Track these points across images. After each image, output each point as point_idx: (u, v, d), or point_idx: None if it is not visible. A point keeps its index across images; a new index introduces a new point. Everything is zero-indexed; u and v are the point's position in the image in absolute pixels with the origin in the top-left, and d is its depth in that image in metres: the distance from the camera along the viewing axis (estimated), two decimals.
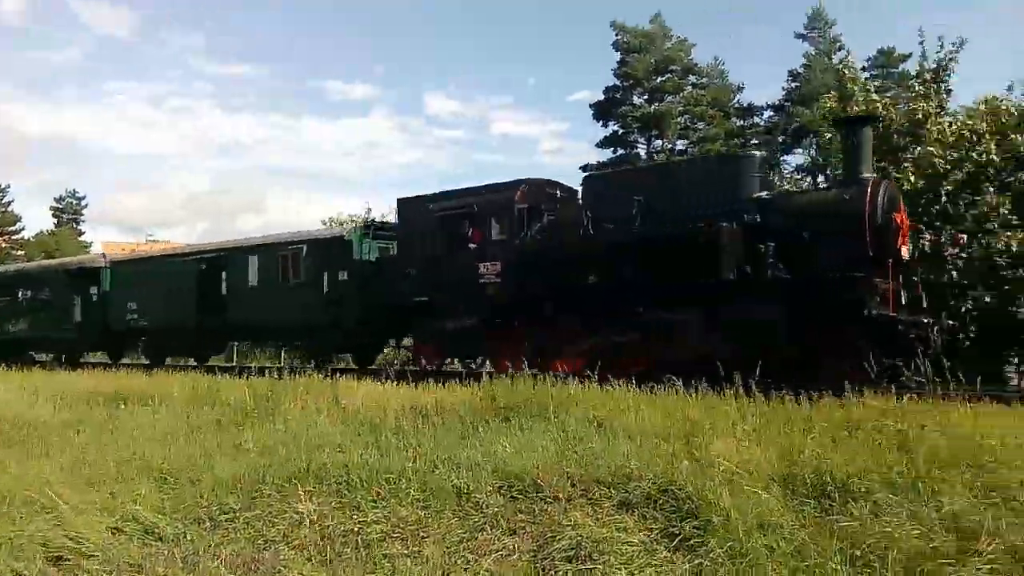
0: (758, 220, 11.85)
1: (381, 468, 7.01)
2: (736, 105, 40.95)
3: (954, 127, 15.18)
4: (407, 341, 18.63)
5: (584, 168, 39.42)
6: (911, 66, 21.70)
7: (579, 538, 5.34)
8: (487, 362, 15.00)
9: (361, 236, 17.50)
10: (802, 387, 9.05)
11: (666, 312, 12.17)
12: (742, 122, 40.82)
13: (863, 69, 35.86)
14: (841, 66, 18.61)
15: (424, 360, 14.81)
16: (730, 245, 11.60)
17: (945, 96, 16.18)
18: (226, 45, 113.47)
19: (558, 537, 5.45)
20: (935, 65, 16.36)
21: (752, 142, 38.39)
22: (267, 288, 18.42)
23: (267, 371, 15.04)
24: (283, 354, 23.39)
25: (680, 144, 39.95)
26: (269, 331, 19.52)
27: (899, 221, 11.33)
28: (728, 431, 7.43)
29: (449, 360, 15.66)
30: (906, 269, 11.74)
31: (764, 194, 12.31)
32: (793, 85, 37.58)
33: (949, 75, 16.10)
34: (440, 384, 11.72)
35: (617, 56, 39.79)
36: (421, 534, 5.87)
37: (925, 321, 11.14)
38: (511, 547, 5.51)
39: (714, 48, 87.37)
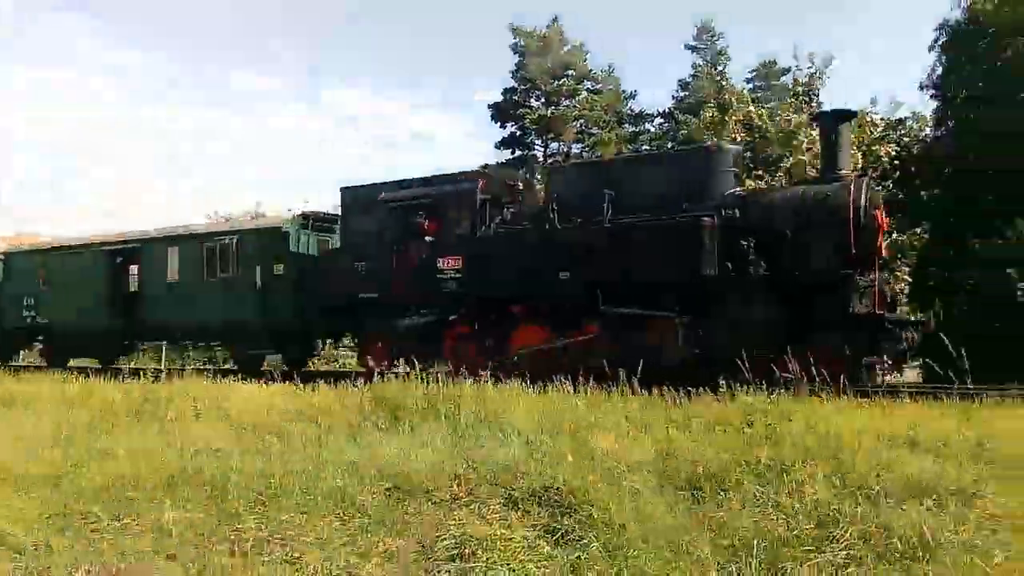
0: (737, 215, 11.57)
1: (262, 473, 6.80)
2: (629, 112, 42.13)
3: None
4: (347, 341, 18.03)
5: (486, 168, 39.71)
6: (790, 79, 22.86)
7: (463, 537, 5.35)
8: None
9: (299, 227, 16.55)
10: (685, 385, 9.43)
11: (641, 310, 11.79)
12: (635, 128, 42.03)
13: (747, 81, 37.86)
14: (720, 78, 19.49)
15: (372, 362, 13.68)
16: (711, 240, 11.29)
17: (815, 108, 17.21)
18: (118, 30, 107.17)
19: (442, 537, 5.45)
20: (807, 79, 17.40)
21: (643, 148, 39.62)
22: (190, 283, 17.20)
23: (159, 373, 14.29)
24: (217, 355, 21.84)
25: (576, 148, 40.73)
26: (190, 331, 18.10)
27: (880, 219, 11.33)
28: (613, 427, 7.65)
29: (398, 362, 14.15)
30: (886, 267, 12.10)
31: (739, 190, 12.22)
32: (682, 94, 39.02)
33: (819, 89, 17.17)
34: (332, 385, 11.49)
35: (515, 58, 40.19)
36: (302, 539, 5.73)
37: (913, 319, 11.34)
38: (395, 549, 5.46)
39: (609, 55, 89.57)
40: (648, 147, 40.37)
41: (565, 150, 40.42)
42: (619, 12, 71.86)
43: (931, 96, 24.54)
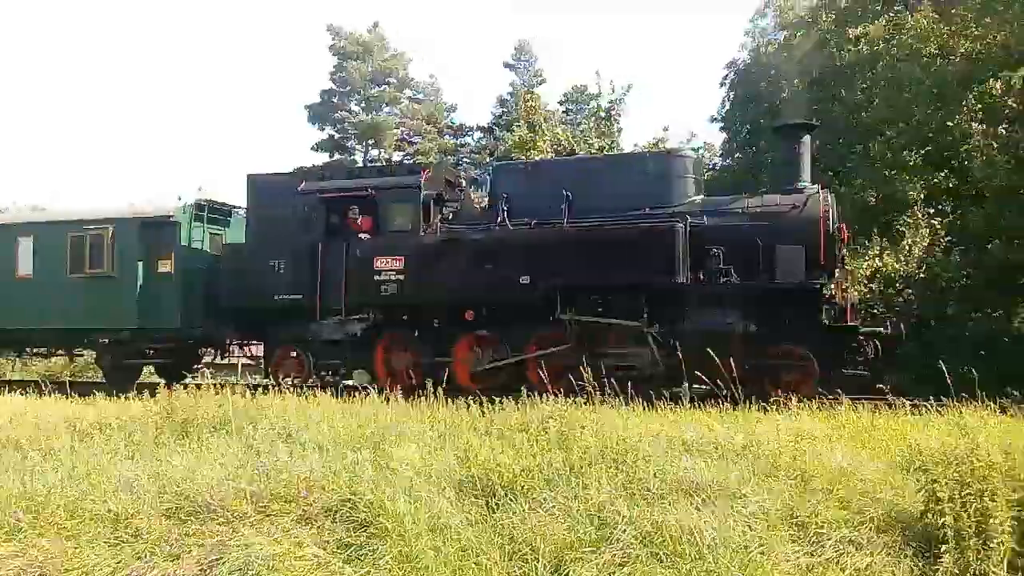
0: (705, 223, 11.39)
1: (21, 494, 6.10)
2: (450, 123, 42.59)
3: None
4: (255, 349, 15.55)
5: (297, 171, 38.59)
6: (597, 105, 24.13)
7: (249, 557, 5.10)
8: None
9: (192, 218, 14.28)
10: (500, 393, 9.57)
11: (605, 319, 11.36)
12: (455, 140, 42.55)
13: (560, 103, 39.55)
14: (530, 99, 20.18)
15: (283, 375, 12.49)
16: (684, 247, 10.99)
17: (617, 134, 18.32)
18: None
19: (225, 559, 5.16)
20: (608, 105, 18.49)
21: (464, 160, 40.16)
22: (49, 280, 14.24)
23: None
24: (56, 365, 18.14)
25: (397, 156, 40.52)
26: (48, 336, 15.14)
27: (844, 230, 11.61)
28: (416, 438, 7.63)
29: (315, 376, 12.90)
30: (847, 278, 11.91)
31: (699, 197, 12.05)
32: (501, 111, 40.05)
33: (619, 115, 18.29)
34: (111, 397, 10.55)
35: (334, 60, 39.35)
36: (65, 569, 5.20)
37: (881, 330, 11.33)
38: (171, 574, 5.10)
39: (430, 66, 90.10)
40: (468, 160, 41.00)
41: (387, 157, 40.12)
42: (442, 25, 72.54)
43: (720, 129, 27.01)
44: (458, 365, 12.13)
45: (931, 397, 8.66)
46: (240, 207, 14.78)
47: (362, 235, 12.44)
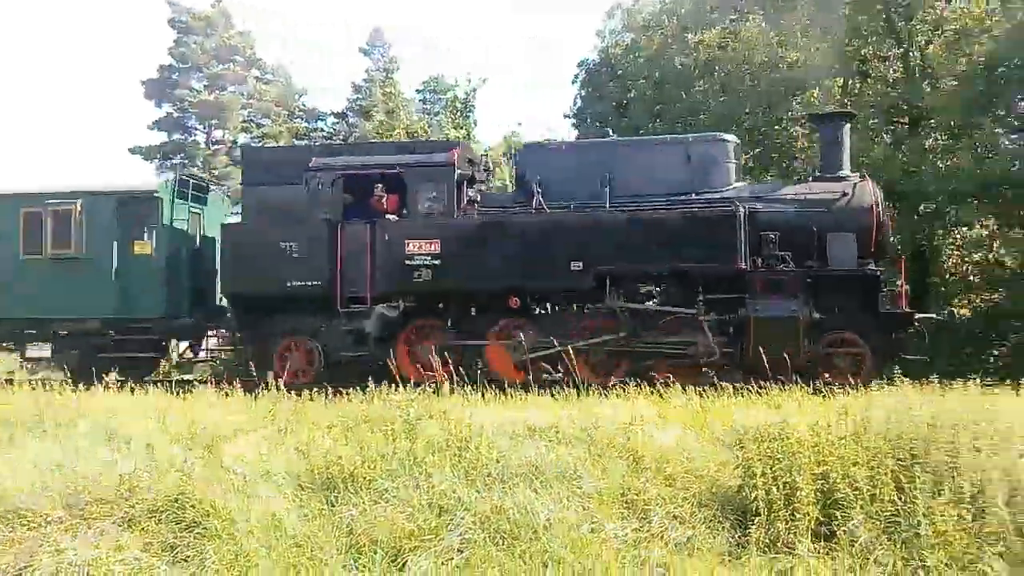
0: (759, 208, 11.11)
1: None
2: (301, 107, 41.19)
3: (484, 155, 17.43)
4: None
5: (134, 151, 36.02)
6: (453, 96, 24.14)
7: (61, 564, 4.72)
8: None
9: (174, 196, 12.80)
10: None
11: (660, 306, 10.97)
12: (307, 125, 41.20)
13: (417, 91, 39.25)
14: (388, 86, 19.92)
15: (289, 370, 11.38)
16: (743, 232, 10.65)
17: (472, 126, 18.45)
18: None
19: (35, 566, 4.75)
20: (465, 96, 18.59)
21: (316, 146, 38.97)
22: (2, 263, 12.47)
23: None
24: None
25: (243, 137, 38.73)
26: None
27: (890, 219, 11.50)
28: (256, 432, 7.36)
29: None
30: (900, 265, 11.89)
31: (742, 183, 11.84)
32: (355, 97, 39.19)
33: (473, 107, 18.43)
34: None
35: (174, 34, 36.98)
36: None
37: (936, 317, 11.60)
38: None
39: (280, 48, 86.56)
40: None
41: (232, 139, 38.26)
42: (293, 6, 69.89)
43: (572, 125, 27.79)
44: (495, 355, 11.49)
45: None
46: (217, 185, 13.86)
47: (390, 216, 11.60)
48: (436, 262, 11.28)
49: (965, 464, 4.82)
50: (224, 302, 12.83)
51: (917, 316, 11.10)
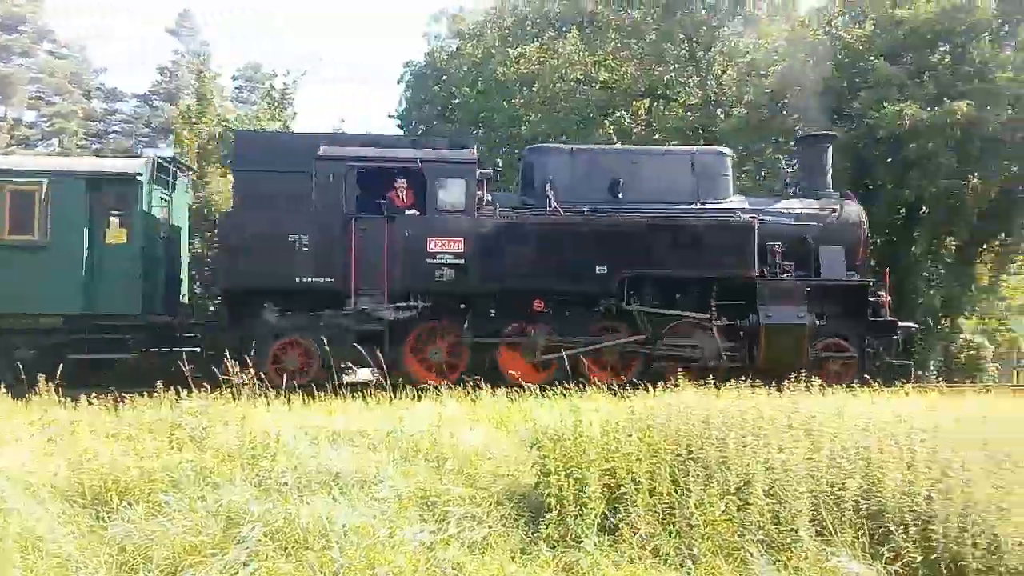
0: (764, 220, 11.71)
1: None
2: (100, 87, 37.84)
3: None
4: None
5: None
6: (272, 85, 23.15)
7: None
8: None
9: (151, 179, 11.45)
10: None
11: (675, 310, 11.44)
12: (106, 106, 37.90)
13: (233, 78, 37.27)
14: (202, 68, 18.84)
15: (288, 373, 10.43)
16: (756, 242, 11.33)
17: (291, 118, 17.81)
18: None
19: None
20: (283, 87, 17.92)
21: (114, 129, 35.98)
22: None
23: None
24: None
25: (30, 116, 34.93)
26: None
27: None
28: (24, 441, 6.63)
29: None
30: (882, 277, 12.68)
31: (738, 196, 12.45)
32: (161, 79, 36.58)
33: (292, 98, 17.82)
34: None
35: None
36: None
37: (913, 325, 12.55)
38: None
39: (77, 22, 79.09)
40: (120, 130, 36.81)
41: (16, 116, 34.35)
42: None
43: (397, 126, 27.60)
44: (509, 356, 11.40)
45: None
46: (188, 169, 12.63)
47: (410, 211, 11.21)
48: (459, 261, 11.15)
49: (733, 459, 5.27)
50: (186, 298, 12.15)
51: (900, 324, 12.27)
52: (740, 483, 5.14)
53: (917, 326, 13.47)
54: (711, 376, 9.00)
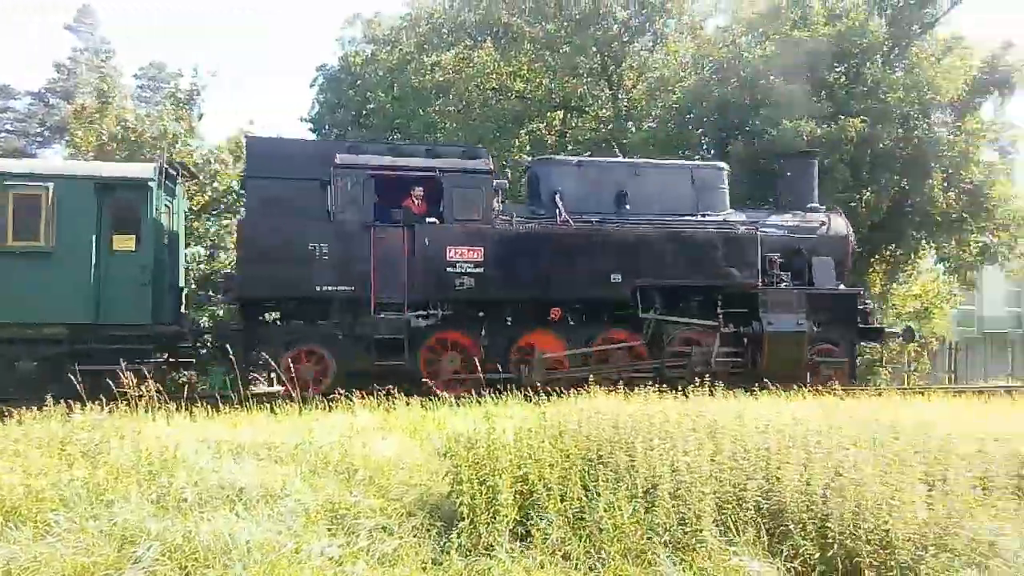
0: (762, 232, 12.32)
1: None
2: None
3: (199, 153, 16.29)
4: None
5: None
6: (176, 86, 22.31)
7: None
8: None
9: (160, 185, 11.16)
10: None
11: (683, 316, 11.90)
12: None
13: (135, 76, 35.74)
14: (103, 64, 18.02)
15: (304, 382, 10.31)
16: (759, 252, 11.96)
17: (196, 120, 17.22)
18: None
19: None
20: (189, 88, 17.32)
21: (6, 128, 33.96)
22: None
23: None
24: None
25: None
26: None
27: None
28: None
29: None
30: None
31: (733, 209, 12.93)
32: (57, 77, 34.74)
33: (199, 101, 17.25)
34: None
35: None
36: None
37: (898, 331, 13.92)
38: None
39: None
40: (12, 129, 34.77)
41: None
42: None
43: (309, 130, 27.06)
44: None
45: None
46: (189, 174, 12.69)
47: (431, 220, 11.32)
48: (479, 270, 11.30)
49: (641, 463, 5.38)
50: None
51: (887, 330, 13.52)
52: (648, 486, 5.24)
53: (902, 332, 14.37)
54: (715, 380, 9.28)
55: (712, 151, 19.77)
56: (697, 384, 8.44)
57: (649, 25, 21.44)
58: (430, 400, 9.54)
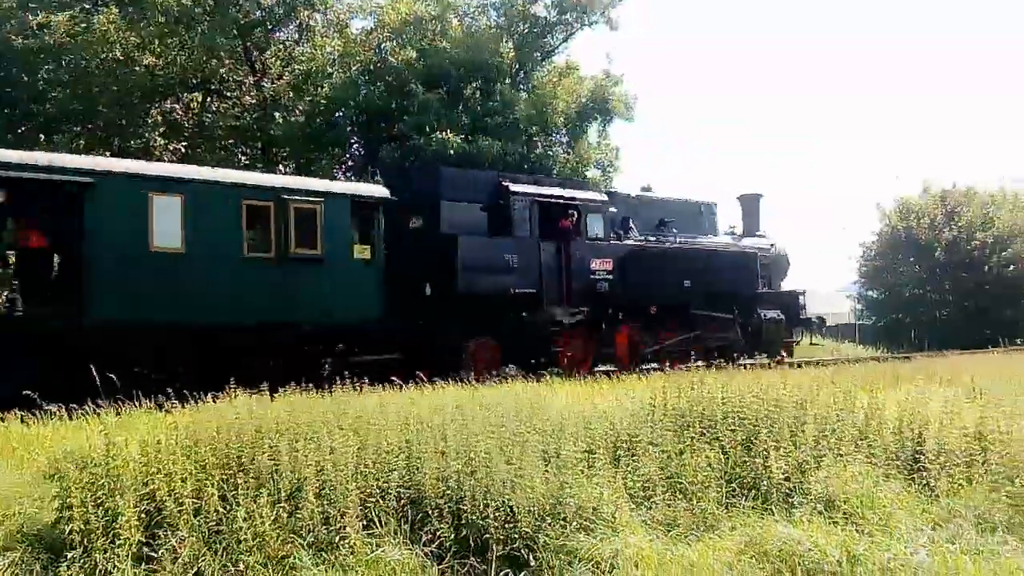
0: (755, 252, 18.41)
1: None
2: None
3: None
4: None
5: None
6: None
7: None
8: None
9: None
10: None
11: (712, 312, 16.64)
12: None
13: None
14: None
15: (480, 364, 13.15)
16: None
17: None
18: None
19: None
20: None
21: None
22: (212, 257, 11.04)
23: None
24: None
25: None
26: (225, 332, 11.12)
27: None
28: None
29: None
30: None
31: (720, 233, 18.80)
32: None
33: None
34: None
35: None
36: None
37: (824, 318, 21.67)
38: None
39: None
40: None
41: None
42: None
43: None
44: (622, 348, 15.33)
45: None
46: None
47: (579, 238, 14.66)
48: (610, 277, 15.03)
49: (285, 465, 5.21)
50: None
51: (815, 317, 20.38)
52: (292, 489, 5.11)
53: (823, 319, 21.81)
54: (731, 354, 15.84)
55: (363, 152, 20.03)
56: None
57: (294, 15, 20.88)
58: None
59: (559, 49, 22.35)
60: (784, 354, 17.79)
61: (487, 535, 5.00)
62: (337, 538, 4.86)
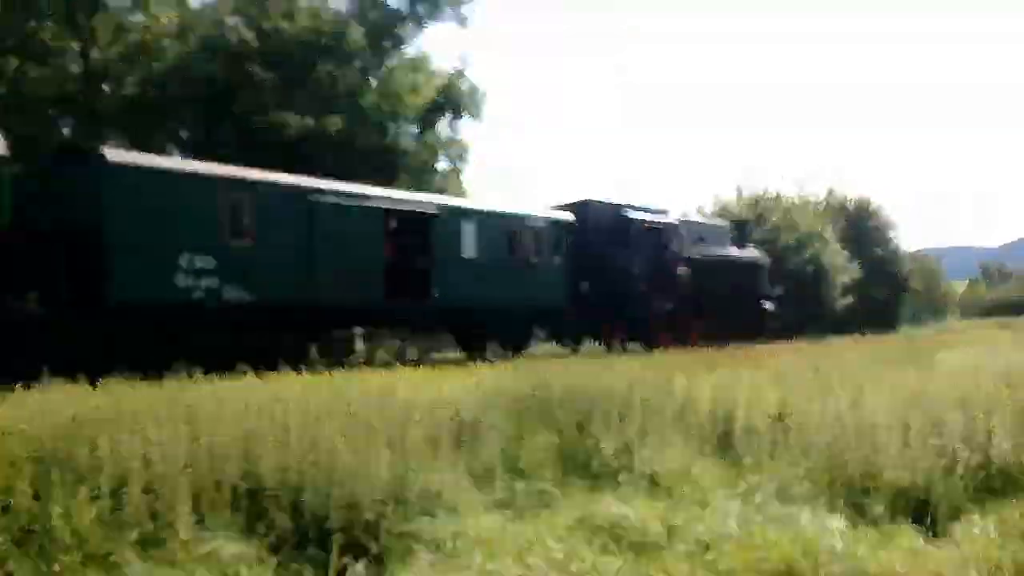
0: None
1: None
2: None
3: None
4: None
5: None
6: None
7: None
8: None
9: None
10: None
11: (732, 305, 23.72)
12: None
13: None
14: None
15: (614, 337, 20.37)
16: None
17: None
18: None
19: None
20: None
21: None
22: (491, 261, 18.66)
23: None
24: None
25: None
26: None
27: None
28: None
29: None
30: None
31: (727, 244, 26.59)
32: None
33: None
34: None
35: None
36: None
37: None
38: None
39: None
40: None
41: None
42: None
43: None
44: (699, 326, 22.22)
45: None
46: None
47: (672, 251, 22.86)
48: (687, 278, 22.68)
49: (107, 459, 4.91)
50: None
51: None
52: (116, 484, 4.82)
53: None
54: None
55: (204, 128, 18.96)
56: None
57: None
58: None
59: (410, 40, 22.24)
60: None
61: (328, 523, 4.94)
62: (166, 534, 4.64)
